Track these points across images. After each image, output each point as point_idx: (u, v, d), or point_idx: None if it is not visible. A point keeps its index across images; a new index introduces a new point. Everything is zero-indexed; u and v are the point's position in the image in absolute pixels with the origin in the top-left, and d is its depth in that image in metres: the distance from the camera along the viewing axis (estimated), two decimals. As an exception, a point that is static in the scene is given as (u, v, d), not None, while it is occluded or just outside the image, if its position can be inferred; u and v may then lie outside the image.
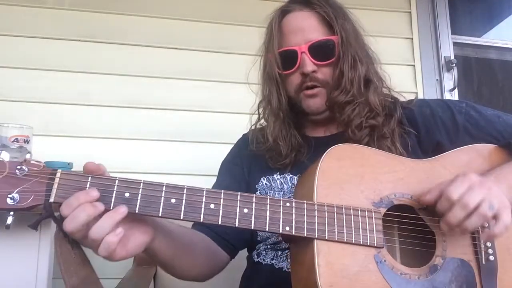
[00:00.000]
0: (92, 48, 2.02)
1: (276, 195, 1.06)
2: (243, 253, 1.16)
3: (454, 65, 2.32)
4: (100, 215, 0.69)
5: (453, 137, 1.03)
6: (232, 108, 2.02)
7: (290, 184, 1.06)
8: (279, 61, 1.06)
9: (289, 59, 1.05)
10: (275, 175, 1.09)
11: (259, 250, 1.07)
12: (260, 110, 1.18)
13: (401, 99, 1.12)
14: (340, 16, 1.07)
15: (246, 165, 1.16)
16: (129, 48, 2.06)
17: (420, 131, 1.05)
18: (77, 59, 1.99)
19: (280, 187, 1.07)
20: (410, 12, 2.37)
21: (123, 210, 0.70)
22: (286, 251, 1.01)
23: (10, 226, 0.68)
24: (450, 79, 2.35)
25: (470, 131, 1.03)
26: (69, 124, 1.94)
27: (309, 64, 1.03)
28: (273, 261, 1.03)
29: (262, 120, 1.18)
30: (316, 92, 1.05)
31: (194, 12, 2.14)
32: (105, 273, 1.37)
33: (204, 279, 1.03)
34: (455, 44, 2.44)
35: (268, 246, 1.06)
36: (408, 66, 2.31)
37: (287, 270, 0.99)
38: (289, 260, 0.99)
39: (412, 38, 2.34)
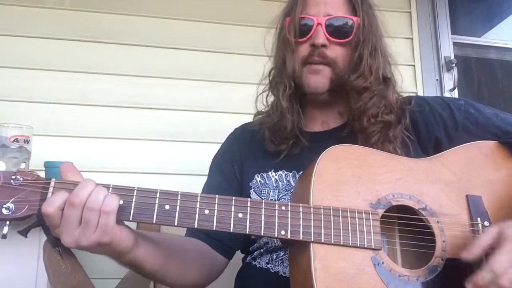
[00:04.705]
0: (92, 48, 2.02)
1: (271, 192, 1.05)
2: (238, 252, 1.15)
3: (454, 65, 2.32)
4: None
5: (452, 134, 1.02)
6: (232, 108, 2.02)
7: (285, 181, 1.04)
8: (297, 27, 1.03)
9: (304, 27, 1.02)
10: (269, 172, 1.07)
11: (253, 255, 1.07)
12: (271, 78, 1.13)
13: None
14: (366, 2, 1.06)
15: (237, 162, 1.12)
16: (129, 48, 2.06)
17: (421, 132, 1.04)
18: (77, 59, 2.00)
19: (275, 184, 1.05)
20: (410, 12, 2.37)
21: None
22: (281, 254, 1.01)
23: (7, 235, 0.69)
24: (450, 79, 2.34)
25: (469, 129, 1.01)
26: (69, 124, 1.94)
27: (321, 36, 0.99)
28: (269, 265, 1.02)
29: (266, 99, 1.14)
30: (321, 68, 1.01)
31: (194, 12, 2.14)
32: (105, 273, 1.38)
33: (202, 285, 1.01)
34: (455, 44, 2.43)
35: (262, 250, 1.05)
36: (408, 66, 2.30)
37: (282, 274, 0.99)
38: (284, 264, 1.00)
39: (412, 38, 2.34)
